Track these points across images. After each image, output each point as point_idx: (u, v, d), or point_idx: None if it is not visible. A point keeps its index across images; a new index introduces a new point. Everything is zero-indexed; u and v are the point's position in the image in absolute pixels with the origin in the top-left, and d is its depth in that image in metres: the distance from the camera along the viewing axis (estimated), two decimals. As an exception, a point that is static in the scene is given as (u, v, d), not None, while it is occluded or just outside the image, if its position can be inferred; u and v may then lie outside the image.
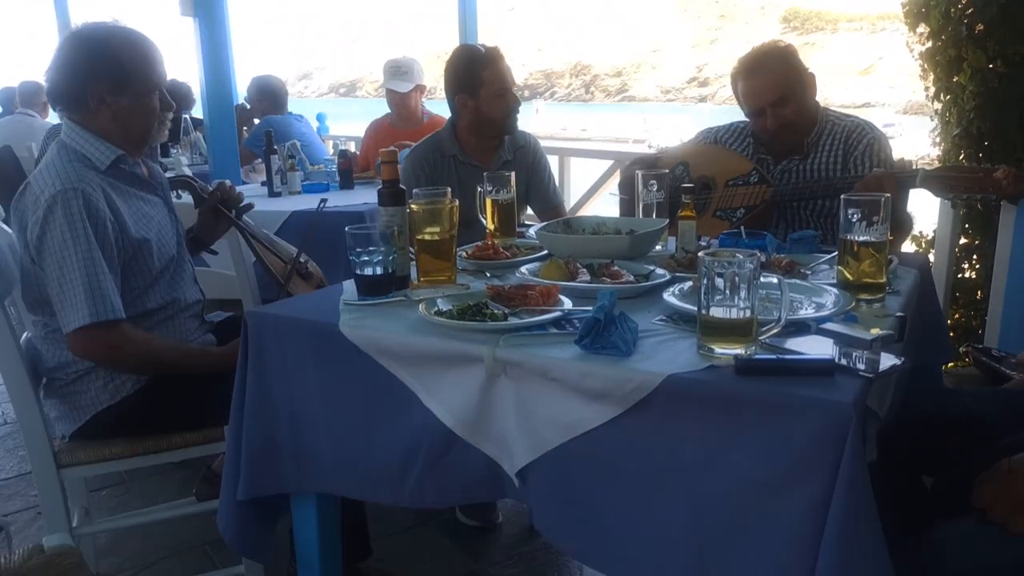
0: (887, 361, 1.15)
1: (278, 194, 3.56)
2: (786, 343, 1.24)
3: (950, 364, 3.00)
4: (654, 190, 2.07)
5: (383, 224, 1.65)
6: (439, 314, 1.42)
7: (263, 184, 3.71)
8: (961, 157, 3.01)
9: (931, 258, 2.76)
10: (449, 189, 1.80)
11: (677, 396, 1.15)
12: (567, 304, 1.44)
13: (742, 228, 1.98)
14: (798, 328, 1.31)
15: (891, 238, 1.58)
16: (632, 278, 1.64)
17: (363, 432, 1.45)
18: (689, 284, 1.53)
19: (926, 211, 2.93)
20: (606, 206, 5.09)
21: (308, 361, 1.49)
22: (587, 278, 1.63)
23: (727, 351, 1.19)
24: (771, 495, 1.09)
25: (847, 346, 1.15)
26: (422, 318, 1.41)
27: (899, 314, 1.41)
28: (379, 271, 1.57)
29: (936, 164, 2.97)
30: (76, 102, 1.81)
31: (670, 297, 1.46)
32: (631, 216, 2.17)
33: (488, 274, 1.80)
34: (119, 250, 1.77)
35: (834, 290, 1.49)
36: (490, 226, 2.13)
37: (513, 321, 1.38)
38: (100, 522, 2.21)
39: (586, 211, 4.92)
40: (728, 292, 1.17)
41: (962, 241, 3.09)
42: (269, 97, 4.74)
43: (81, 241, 1.69)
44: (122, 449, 1.83)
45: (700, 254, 1.20)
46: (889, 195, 1.51)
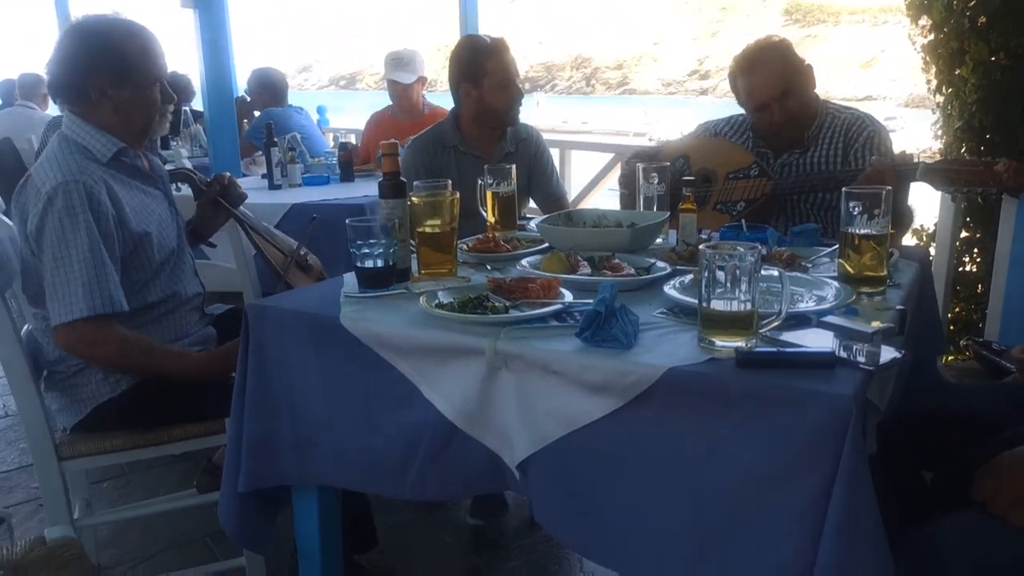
0: (887, 354, 1.15)
1: (278, 187, 3.55)
2: (787, 336, 1.24)
3: (950, 358, 3.00)
4: (655, 183, 2.06)
5: (384, 217, 1.65)
6: (440, 307, 1.43)
7: (263, 177, 3.70)
8: (963, 150, 3.00)
9: (932, 251, 2.76)
10: (449, 181, 1.79)
11: (678, 389, 1.15)
12: (568, 297, 1.44)
13: (743, 221, 1.97)
14: (799, 321, 1.31)
15: (892, 231, 1.58)
16: (633, 271, 1.64)
17: (364, 424, 1.45)
18: (690, 277, 1.53)
19: (927, 205, 2.93)
20: (607, 199, 5.08)
21: (309, 354, 1.49)
22: (588, 271, 1.63)
23: (728, 344, 1.19)
24: (772, 487, 1.09)
25: (848, 339, 1.15)
26: (423, 311, 1.41)
27: (900, 307, 1.41)
28: (380, 264, 1.57)
29: (937, 157, 2.97)
30: (77, 94, 1.81)
31: (671, 290, 1.46)
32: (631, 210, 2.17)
33: (489, 267, 1.79)
34: (120, 243, 1.77)
35: (835, 283, 1.49)
36: (491, 219, 2.13)
37: (514, 314, 1.38)
38: (101, 514, 2.22)
39: (587, 204, 4.91)
40: (729, 285, 1.17)
41: (963, 235, 3.09)
42: (269, 90, 4.73)
43: (81, 233, 1.69)
44: (123, 441, 1.83)
45: (701, 247, 1.20)
46: (890, 188, 1.51)
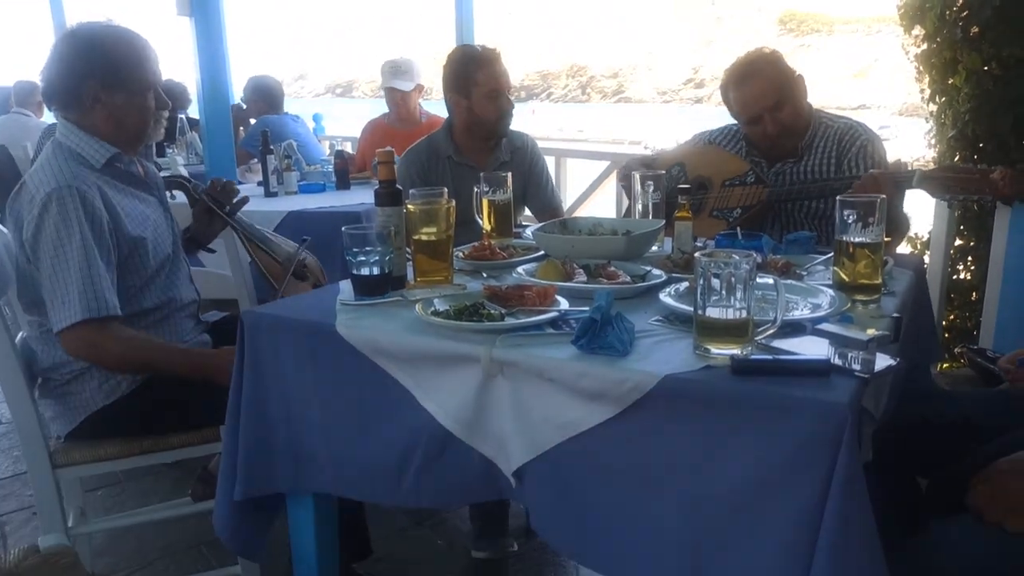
0: (882, 362, 1.15)
1: (274, 194, 3.55)
2: (782, 343, 1.25)
3: (945, 365, 3.01)
4: (651, 191, 2.07)
5: (380, 224, 1.65)
6: (436, 314, 1.42)
7: (259, 184, 3.70)
8: (956, 159, 3.01)
9: (926, 259, 2.77)
10: (445, 189, 1.80)
11: (673, 396, 1.15)
12: (564, 304, 1.44)
13: (738, 229, 1.98)
14: (794, 329, 1.31)
15: (888, 239, 1.58)
16: (629, 278, 1.64)
17: (359, 432, 1.45)
18: (685, 285, 1.53)
19: (921, 213, 2.94)
20: (603, 207, 5.09)
21: (304, 361, 1.49)
22: (584, 278, 1.63)
23: (723, 351, 1.19)
24: (767, 495, 1.09)
25: (843, 347, 1.15)
26: (419, 318, 1.41)
27: (895, 315, 1.41)
28: (376, 271, 1.57)
29: (931, 166, 2.98)
30: (71, 100, 1.81)
31: (666, 297, 1.46)
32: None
33: (485, 274, 1.80)
34: (115, 248, 1.77)
35: (830, 291, 1.49)
36: (486, 226, 2.13)
37: (510, 321, 1.38)
38: (96, 522, 2.21)
39: (583, 212, 4.91)
40: (724, 293, 1.17)
41: (957, 243, 3.10)
42: (265, 97, 4.74)
43: (76, 239, 1.69)
44: (118, 449, 1.83)
45: (696, 255, 1.20)
46: (885, 196, 1.51)
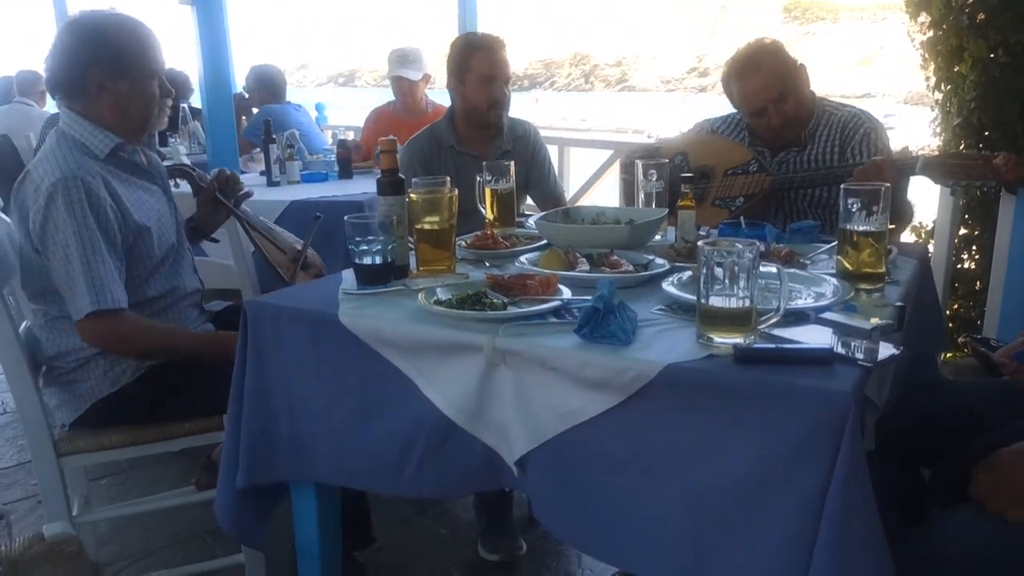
0: (886, 351, 1.15)
1: (277, 183, 3.55)
2: (785, 332, 1.24)
3: (949, 355, 3.01)
4: (653, 179, 2.06)
5: (382, 213, 1.65)
6: (438, 303, 1.42)
7: (262, 174, 3.70)
8: (961, 147, 3.00)
9: (931, 248, 2.76)
10: (448, 178, 1.79)
11: (676, 385, 1.15)
12: (566, 293, 1.44)
13: (742, 218, 1.97)
14: (797, 317, 1.31)
15: (891, 227, 1.58)
16: (631, 267, 1.64)
17: (361, 421, 1.45)
18: (688, 273, 1.53)
19: (926, 201, 2.93)
20: (606, 196, 5.08)
21: (307, 350, 1.49)
22: (586, 267, 1.63)
23: (726, 340, 1.19)
24: (770, 483, 1.09)
25: (846, 335, 1.15)
26: (421, 307, 1.41)
27: (898, 304, 1.41)
28: (378, 260, 1.57)
29: (936, 154, 2.97)
30: (76, 89, 1.81)
31: (669, 286, 1.46)
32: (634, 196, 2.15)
33: (487, 263, 1.79)
34: (122, 237, 1.78)
35: (833, 280, 1.49)
36: (489, 215, 2.12)
37: (512, 310, 1.38)
38: (100, 510, 2.22)
39: (586, 201, 4.91)
40: (727, 281, 1.17)
41: (962, 231, 3.09)
42: (268, 86, 4.72)
43: (82, 229, 1.69)
44: (122, 438, 1.83)
45: (700, 243, 1.20)
46: (889, 185, 1.51)
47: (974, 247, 3.16)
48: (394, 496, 2.40)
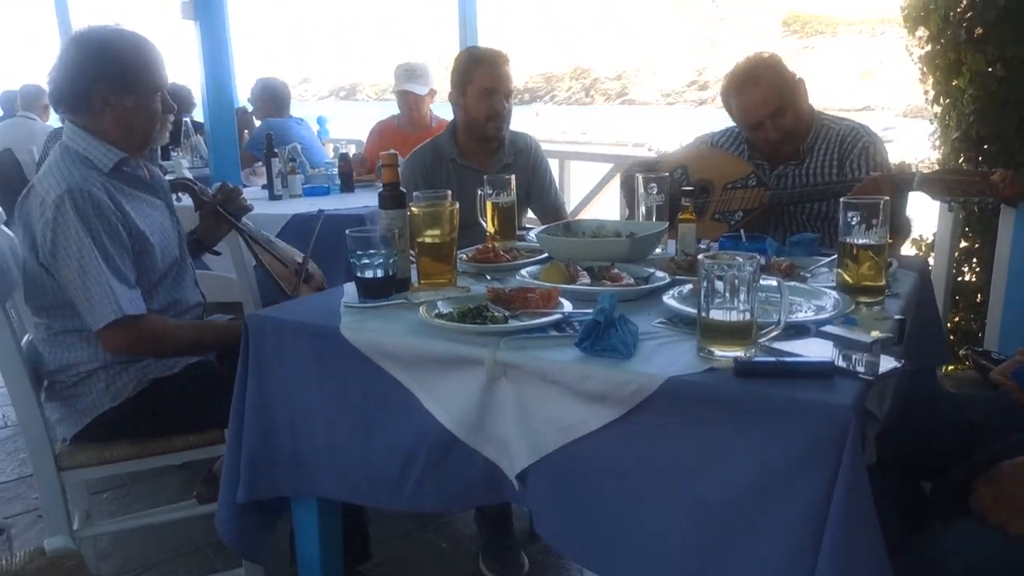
0: (886, 364, 1.15)
1: (279, 197, 3.56)
2: (785, 346, 1.25)
3: (950, 367, 3.01)
4: (654, 193, 2.07)
5: (384, 227, 1.65)
6: (440, 316, 1.43)
7: (264, 187, 3.71)
8: (960, 161, 3.01)
9: (931, 261, 2.76)
10: (449, 192, 1.80)
11: (677, 398, 1.15)
12: (567, 307, 1.44)
13: (742, 231, 1.98)
14: (797, 331, 1.31)
15: (890, 241, 1.58)
16: (632, 281, 1.64)
17: (362, 435, 1.45)
18: (689, 287, 1.53)
19: (926, 215, 2.93)
20: (606, 209, 5.09)
21: (308, 364, 1.49)
22: (587, 281, 1.63)
23: (727, 353, 1.19)
24: (771, 497, 1.09)
25: (846, 349, 1.15)
26: (423, 321, 1.42)
27: (898, 317, 1.41)
28: (380, 274, 1.58)
29: (935, 167, 2.98)
30: (80, 104, 1.82)
31: (670, 300, 1.46)
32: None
33: (488, 277, 1.80)
34: (130, 245, 1.79)
35: (833, 293, 1.50)
36: (490, 229, 2.13)
37: (513, 324, 1.38)
38: (101, 524, 2.21)
39: (586, 214, 4.92)
40: (728, 295, 1.17)
41: (962, 244, 3.10)
42: (273, 98, 4.76)
43: (96, 239, 1.71)
44: (123, 451, 1.84)
45: (700, 257, 1.21)
46: (888, 198, 1.51)
47: (974, 260, 3.17)
48: (395, 510, 2.39)
